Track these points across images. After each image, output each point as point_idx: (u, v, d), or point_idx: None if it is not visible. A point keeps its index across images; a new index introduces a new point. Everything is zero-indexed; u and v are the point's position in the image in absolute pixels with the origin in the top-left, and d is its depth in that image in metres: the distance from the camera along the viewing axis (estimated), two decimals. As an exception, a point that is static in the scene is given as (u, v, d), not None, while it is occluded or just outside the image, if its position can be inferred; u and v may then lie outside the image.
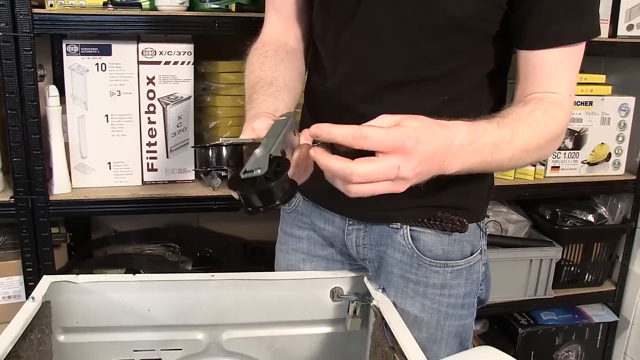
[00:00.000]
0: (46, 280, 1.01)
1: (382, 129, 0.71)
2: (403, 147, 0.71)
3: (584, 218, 1.99)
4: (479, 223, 1.05)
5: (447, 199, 1.00)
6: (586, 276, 2.06)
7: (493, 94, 0.99)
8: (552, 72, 0.90)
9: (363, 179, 0.71)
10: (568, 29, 0.88)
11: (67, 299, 1.02)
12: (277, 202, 0.72)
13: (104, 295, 1.04)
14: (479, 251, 1.05)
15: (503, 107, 0.89)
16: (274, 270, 1.24)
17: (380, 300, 1.03)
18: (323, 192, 1.07)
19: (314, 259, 1.15)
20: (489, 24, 0.92)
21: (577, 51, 0.91)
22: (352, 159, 0.72)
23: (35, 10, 1.38)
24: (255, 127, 0.82)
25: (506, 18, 0.91)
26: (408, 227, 1.02)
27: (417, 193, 1.00)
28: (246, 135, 0.83)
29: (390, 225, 1.03)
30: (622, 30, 1.84)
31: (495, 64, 0.96)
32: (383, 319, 0.99)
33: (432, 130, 0.75)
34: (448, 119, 0.78)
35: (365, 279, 1.09)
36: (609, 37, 1.84)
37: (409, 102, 0.94)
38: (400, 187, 0.75)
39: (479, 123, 0.81)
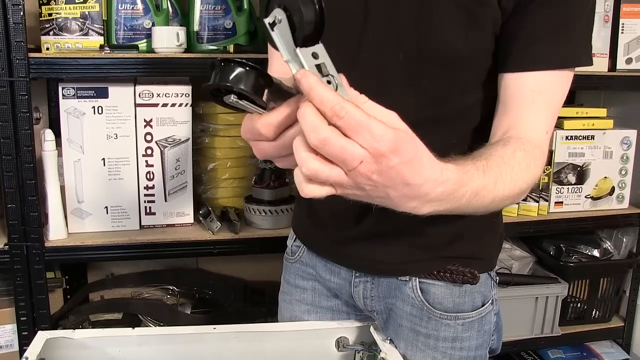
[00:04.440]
0: (41, 337, 0.98)
1: (368, 117, 0.59)
2: (376, 147, 0.59)
3: (589, 253, 1.97)
4: (489, 272, 1.02)
5: (459, 250, 0.98)
6: (593, 312, 2.03)
7: None
8: (530, 102, 0.86)
9: (325, 144, 0.59)
10: (548, 53, 0.85)
11: (63, 355, 0.98)
12: (227, 82, 0.63)
13: (102, 351, 1.01)
14: (490, 301, 1.02)
15: (480, 146, 0.84)
16: (274, 312, 1.22)
17: (388, 351, 0.99)
18: (328, 243, 1.05)
19: (319, 310, 1.12)
20: (491, 57, 0.89)
21: (559, 81, 0.87)
22: None
23: (32, 55, 1.36)
24: None
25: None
26: (417, 279, 0.99)
27: (429, 245, 0.98)
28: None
29: (399, 278, 1.00)
30: (621, 64, 1.84)
31: None
32: (391, 371, 0.96)
33: (420, 159, 0.64)
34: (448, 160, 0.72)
35: (371, 328, 1.06)
36: (609, 70, 1.84)
37: None
38: (347, 187, 0.63)
39: (467, 168, 0.74)
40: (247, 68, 0.63)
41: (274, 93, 0.67)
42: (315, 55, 0.64)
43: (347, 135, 0.59)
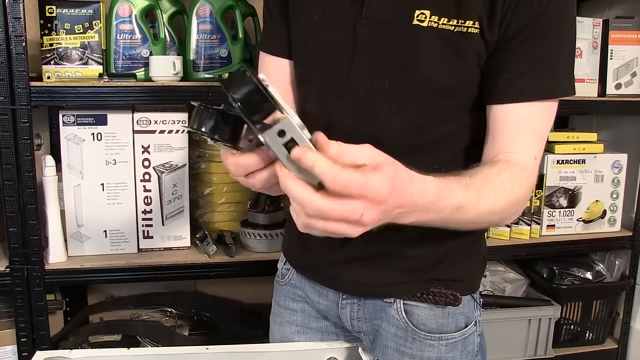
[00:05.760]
0: (39, 357, 1.00)
1: (361, 176, 0.64)
2: (376, 196, 0.65)
3: (582, 276, 1.98)
4: (472, 294, 1.04)
5: (442, 273, 1.00)
6: (587, 334, 2.04)
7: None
8: (517, 130, 0.90)
9: (319, 214, 0.65)
10: (532, 85, 0.89)
11: (60, 375, 1.01)
12: (203, 129, 0.68)
13: (97, 371, 1.03)
14: (473, 322, 1.04)
15: (470, 166, 0.88)
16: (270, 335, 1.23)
17: (375, 372, 1.02)
18: (316, 266, 1.08)
19: (308, 331, 1.14)
20: (474, 87, 0.93)
21: (544, 111, 0.91)
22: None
23: (33, 84, 1.41)
24: None
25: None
26: (402, 301, 1.02)
27: (413, 268, 1.01)
28: None
29: (384, 300, 1.03)
30: (610, 90, 1.88)
31: (484, 130, 0.97)
32: (378, 391, 0.98)
33: (405, 182, 0.70)
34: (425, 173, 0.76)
35: (359, 349, 1.07)
36: (599, 96, 1.88)
37: None
38: (356, 231, 0.68)
39: (449, 182, 0.78)
40: (219, 114, 0.67)
41: (250, 129, 0.70)
42: (281, 133, 0.65)
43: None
